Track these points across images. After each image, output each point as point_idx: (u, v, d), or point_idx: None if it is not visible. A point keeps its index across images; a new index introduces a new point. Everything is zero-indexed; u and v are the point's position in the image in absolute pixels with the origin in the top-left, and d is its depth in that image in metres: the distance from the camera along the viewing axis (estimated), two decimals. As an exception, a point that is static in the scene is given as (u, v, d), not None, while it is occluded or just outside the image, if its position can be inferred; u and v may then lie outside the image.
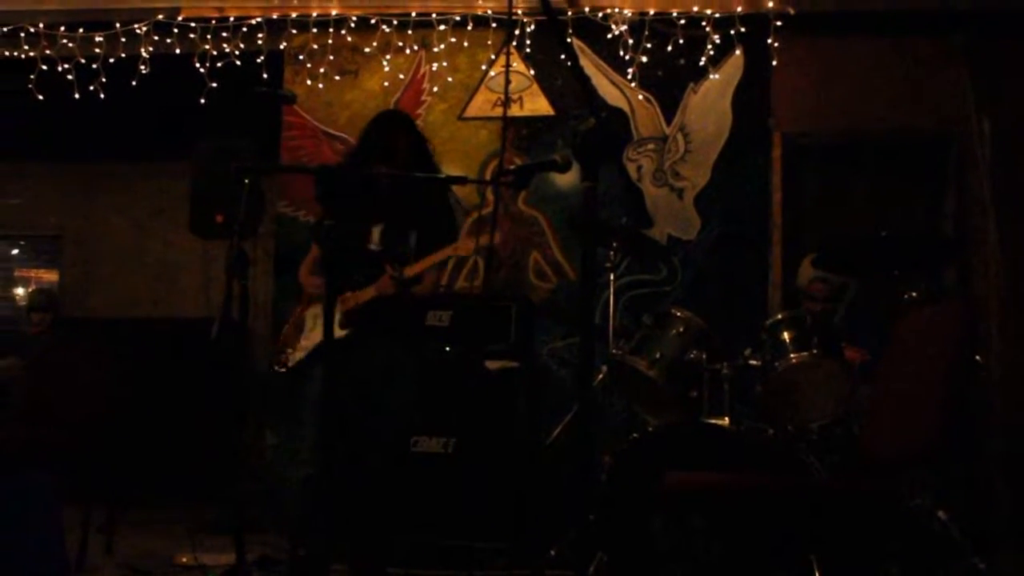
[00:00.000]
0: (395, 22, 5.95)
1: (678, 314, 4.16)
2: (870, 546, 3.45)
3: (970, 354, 3.04)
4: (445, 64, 5.99)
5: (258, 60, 5.99)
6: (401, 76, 6.05)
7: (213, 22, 6.00)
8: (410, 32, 5.96)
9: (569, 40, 5.72)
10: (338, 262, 4.00)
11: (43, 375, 4.93)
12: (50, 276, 8.73)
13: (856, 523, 3.34)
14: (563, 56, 5.72)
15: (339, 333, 3.93)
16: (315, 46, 6.03)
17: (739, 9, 5.66)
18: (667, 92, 5.85)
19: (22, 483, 3.76)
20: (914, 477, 3.60)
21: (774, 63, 5.70)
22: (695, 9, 5.70)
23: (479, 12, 5.87)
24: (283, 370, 4.08)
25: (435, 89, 6.03)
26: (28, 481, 3.78)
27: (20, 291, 9.13)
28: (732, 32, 5.68)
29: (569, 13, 5.76)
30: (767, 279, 5.65)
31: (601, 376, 4.53)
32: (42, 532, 3.76)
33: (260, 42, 6.01)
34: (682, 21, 5.71)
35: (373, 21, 5.96)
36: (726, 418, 3.85)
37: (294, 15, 5.99)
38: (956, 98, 5.65)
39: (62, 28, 6.03)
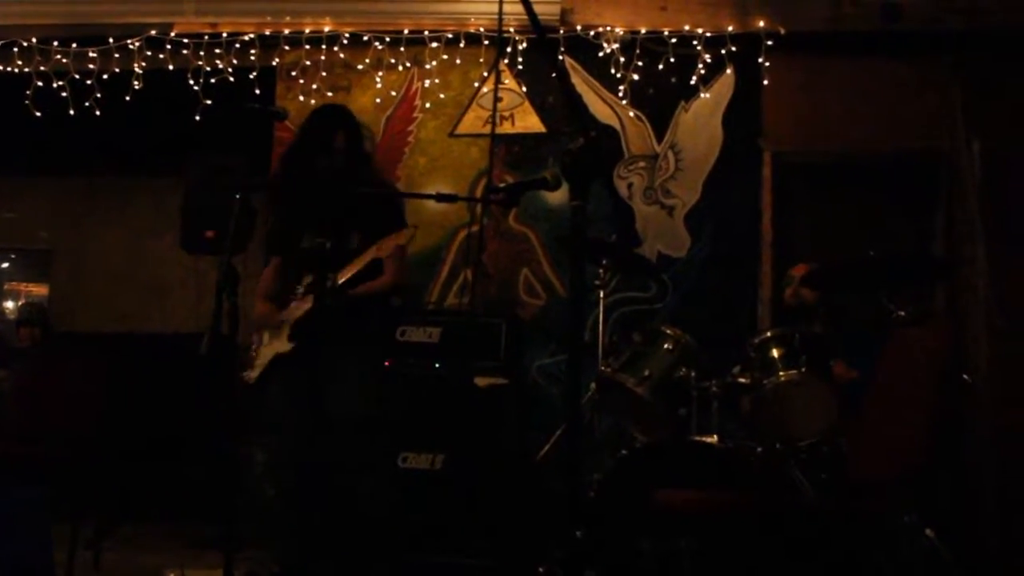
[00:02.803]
0: (388, 39, 5.98)
1: (667, 331, 4.17)
2: (858, 564, 3.46)
3: (956, 373, 3.06)
4: (437, 81, 6.00)
5: (251, 76, 6.01)
6: (393, 93, 6.07)
7: (206, 38, 6.02)
8: (402, 49, 5.98)
9: (560, 58, 5.76)
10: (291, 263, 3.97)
11: (32, 390, 4.92)
12: (40, 290, 8.72)
13: (844, 541, 3.35)
14: (554, 74, 5.75)
15: (288, 347, 3.86)
16: (308, 62, 6.05)
17: (730, 28, 5.70)
18: (658, 110, 5.87)
19: (11, 498, 3.75)
20: (902, 495, 3.61)
21: (765, 82, 5.73)
22: (686, 28, 5.73)
23: (471, 30, 5.89)
24: (249, 383, 4.03)
25: (427, 106, 6.05)
26: (17, 496, 3.77)
27: (10, 305, 9.12)
28: (723, 51, 5.71)
29: (561, 31, 5.78)
30: (756, 297, 5.65)
31: (590, 393, 4.54)
32: (30, 547, 3.75)
33: (253, 58, 6.03)
34: (673, 40, 5.74)
35: (366, 38, 5.98)
36: (714, 435, 3.86)
37: (287, 31, 6.01)
38: (946, 118, 5.67)
39: (55, 43, 6.05)
